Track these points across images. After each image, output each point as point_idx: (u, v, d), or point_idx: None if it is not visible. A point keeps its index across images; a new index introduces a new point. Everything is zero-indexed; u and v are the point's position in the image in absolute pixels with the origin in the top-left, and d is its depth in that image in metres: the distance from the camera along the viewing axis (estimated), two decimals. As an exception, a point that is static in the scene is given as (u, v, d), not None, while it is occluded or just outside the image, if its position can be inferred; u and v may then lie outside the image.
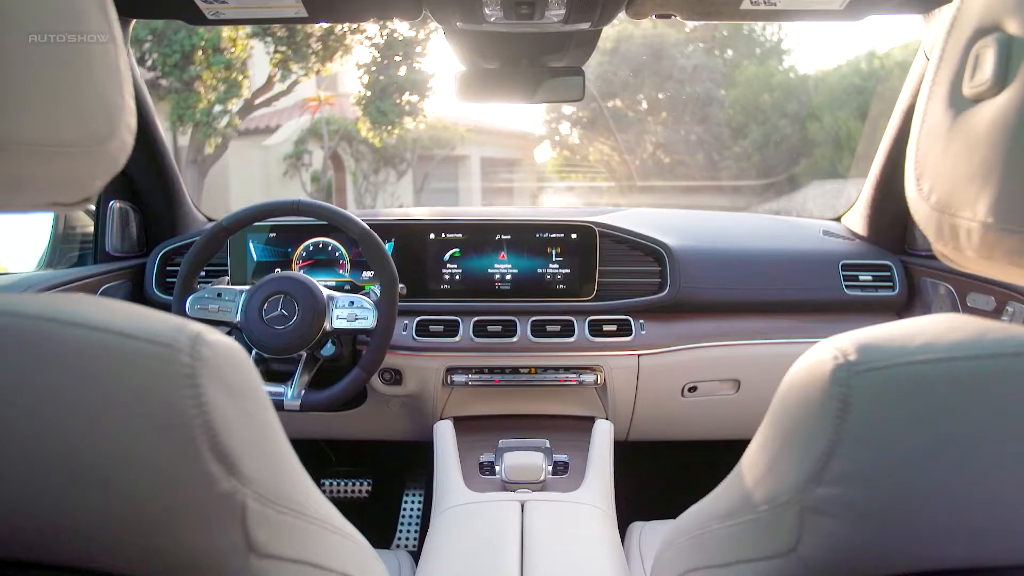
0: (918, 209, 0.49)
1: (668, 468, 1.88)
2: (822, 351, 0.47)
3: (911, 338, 0.44)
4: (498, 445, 1.36)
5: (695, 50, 13.46)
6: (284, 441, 0.50)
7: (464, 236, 1.49)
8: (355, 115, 9.88)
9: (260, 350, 1.27)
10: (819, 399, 0.44)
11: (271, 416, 0.49)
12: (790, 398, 0.49)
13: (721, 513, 0.55)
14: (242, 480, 0.43)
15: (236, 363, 0.46)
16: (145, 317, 0.44)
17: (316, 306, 1.26)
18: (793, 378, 0.49)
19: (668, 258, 1.47)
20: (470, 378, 1.48)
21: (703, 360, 1.47)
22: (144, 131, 1.44)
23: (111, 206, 1.51)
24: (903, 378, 0.42)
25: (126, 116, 0.50)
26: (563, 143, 14.64)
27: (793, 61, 14.50)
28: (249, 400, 0.46)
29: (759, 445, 0.52)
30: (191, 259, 1.31)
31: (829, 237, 1.62)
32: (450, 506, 1.16)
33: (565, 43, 1.31)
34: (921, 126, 0.49)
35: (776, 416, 0.50)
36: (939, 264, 1.45)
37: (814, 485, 0.43)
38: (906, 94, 1.33)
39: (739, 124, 12.80)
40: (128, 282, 1.52)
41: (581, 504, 1.16)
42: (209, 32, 7.84)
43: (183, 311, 1.29)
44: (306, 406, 1.26)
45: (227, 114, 8.53)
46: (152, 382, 0.40)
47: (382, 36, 8.92)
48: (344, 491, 1.97)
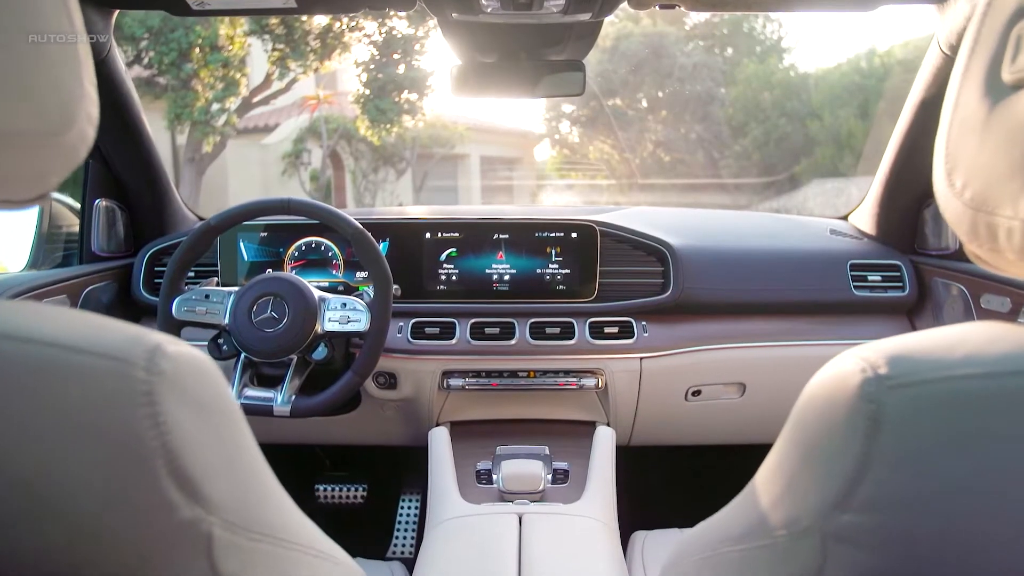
0: (949, 206, 0.45)
1: (671, 474, 1.85)
2: (846, 362, 0.43)
3: (949, 349, 0.40)
4: (496, 452, 1.32)
5: (695, 48, 13.45)
6: (259, 460, 0.47)
7: (461, 235, 1.45)
8: (354, 114, 9.84)
9: (249, 354, 1.23)
10: (845, 416, 0.40)
11: (243, 433, 0.45)
12: (811, 413, 0.45)
13: (733, 535, 0.51)
14: (207, 507, 0.39)
15: (202, 376, 0.42)
16: (98, 328, 0.40)
17: (307, 308, 1.22)
18: (814, 391, 0.45)
19: (671, 258, 1.43)
20: (467, 382, 1.44)
21: (707, 363, 1.44)
22: (131, 127, 1.40)
23: (97, 204, 1.47)
24: (941, 395, 0.38)
25: (86, 105, 0.45)
26: (563, 141, 14.64)
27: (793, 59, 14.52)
28: (217, 417, 0.42)
29: (775, 462, 0.48)
30: (178, 259, 1.27)
31: (836, 236, 1.58)
32: (445, 519, 1.12)
33: (565, 35, 1.27)
34: (952, 117, 0.45)
35: (795, 432, 0.46)
36: (950, 264, 1.42)
37: (839, 511, 0.39)
38: (919, 88, 1.28)
39: (739, 123, 12.80)
40: (114, 283, 1.48)
41: (581, 517, 1.12)
42: (206, 30, 7.81)
43: (169, 313, 1.25)
44: (296, 412, 1.22)
45: (225, 112, 8.49)
46: (104, 401, 0.37)
47: (381, 34, 8.88)
48: (338, 497, 1.93)
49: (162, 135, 9.40)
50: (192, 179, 8.78)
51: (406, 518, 1.88)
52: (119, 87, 1.31)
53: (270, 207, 1.27)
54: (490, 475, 1.27)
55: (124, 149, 1.43)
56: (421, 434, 1.46)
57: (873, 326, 1.46)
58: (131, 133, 1.40)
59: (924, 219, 1.48)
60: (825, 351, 1.47)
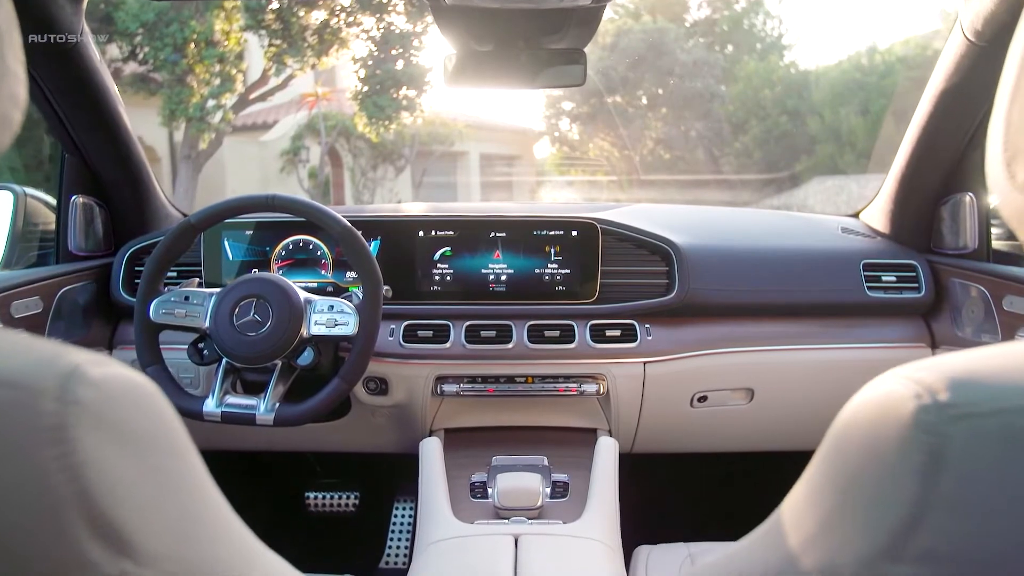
0: (1009, 201, 0.40)
1: (675, 483, 1.79)
2: (895, 384, 0.36)
3: (1021, 370, 0.34)
4: (491, 462, 1.26)
5: (695, 45, 13.43)
6: (209, 496, 0.40)
7: (456, 234, 1.39)
8: (353, 111, 9.77)
9: (231, 359, 1.17)
10: (897, 450, 0.34)
11: (188, 467, 0.38)
12: (852, 442, 0.38)
13: (755, 573, 0.45)
14: (139, 559, 0.33)
15: (134, 402, 0.35)
16: (6, 348, 0.33)
17: (292, 311, 1.16)
18: (855, 415, 0.39)
19: (676, 257, 1.37)
20: (462, 388, 1.38)
21: (714, 368, 1.38)
22: (107, 120, 1.33)
23: (74, 201, 1.40)
24: (1018, 427, 0.31)
25: (9, 84, 0.39)
26: (562, 139, 14.61)
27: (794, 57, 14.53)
28: (154, 450, 0.36)
29: (807, 496, 0.42)
30: (156, 259, 1.21)
31: (848, 234, 1.52)
32: (435, 540, 1.05)
33: (565, 22, 1.20)
34: (1011, 102, 0.39)
35: (831, 462, 0.40)
36: (969, 264, 1.36)
37: (889, 561, 0.33)
38: (939, 77, 1.21)
39: (739, 120, 12.80)
40: (93, 283, 1.41)
41: (582, 539, 1.05)
42: (201, 24, 7.73)
43: (146, 316, 1.18)
44: (280, 421, 1.16)
45: (220, 109, 8.41)
46: (6, 438, 0.30)
47: (379, 29, 8.80)
48: (330, 505, 1.87)
49: (160, 132, 9.35)
50: (189, 176, 8.71)
51: (400, 526, 1.82)
52: (92, 76, 1.24)
53: (253, 204, 1.21)
54: (485, 488, 1.21)
55: (101, 142, 1.36)
56: (414, 441, 1.40)
57: (887, 328, 1.40)
58: (108, 126, 1.33)
59: (941, 216, 1.42)
60: (837, 355, 1.42)
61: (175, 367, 1.33)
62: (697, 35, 13.79)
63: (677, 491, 1.76)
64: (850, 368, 1.39)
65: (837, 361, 1.40)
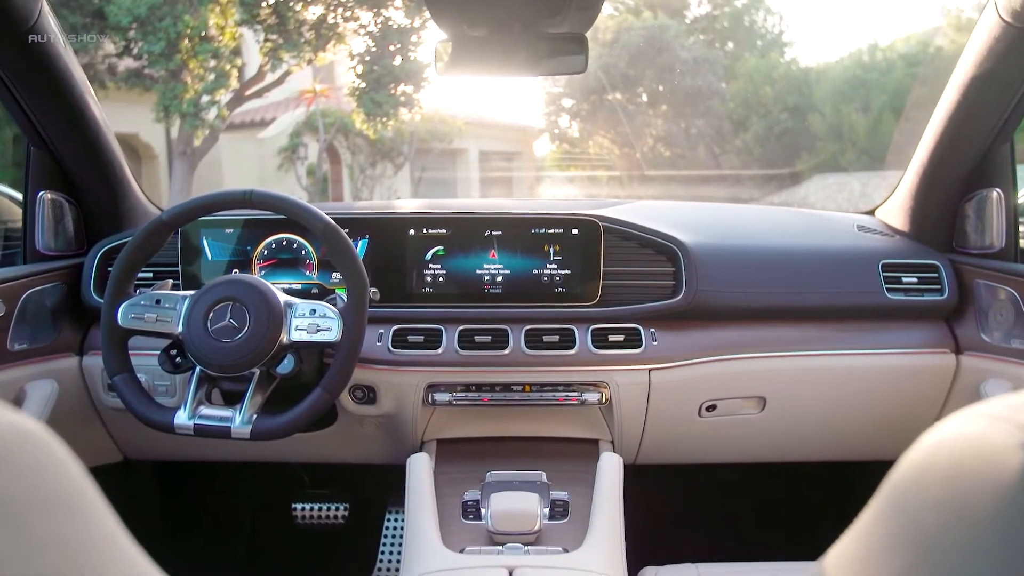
0: None
1: (682, 497, 1.71)
2: (990, 429, 0.29)
3: None
4: (485, 479, 1.18)
5: (696, 42, 13.37)
6: (118, 560, 0.32)
7: (449, 232, 1.31)
8: (351, 107, 9.69)
9: (205, 367, 1.09)
10: (999, 510, 0.27)
11: (85, 527, 0.30)
12: (929, 492, 0.31)
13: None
14: None
15: (12, 457, 0.27)
16: None
17: (271, 315, 1.08)
18: (935, 462, 0.31)
19: (683, 257, 1.30)
20: (454, 396, 1.30)
21: (723, 375, 1.31)
22: (75, 111, 1.24)
23: (41, 197, 1.32)
24: None
25: None
26: (562, 136, 14.56)
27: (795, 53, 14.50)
28: (33, 514, 0.28)
29: (865, 553, 0.34)
30: (125, 259, 1.13)
31: (865, 233, 1.44)
32: (422, 573, 0.96)
33: (564, 5, 1.11)
34: None
35: (898, 515, 0.33)
36: (995, 264, 1.28)
37: None
38: (968, 64, 1.13)
39: (740, 117, 12.76)
40: (62, 284, 1.33)
41: (584, 572, 0.96)
42: (195, 19, 7.63)
43: (114, 321, 1.10)
44: (257, 434, 1.07)
45: (215, 105, 8.31)
46: None
47: (376, 25, 8.72)
48: (318, 516, 1.79)
49: (157, 129, 9.26)
50: (184, 173, 8.62)
51: (392, 537, 1.74)
52: (55, 62, 1.15)
53: (230, 200, 1.13)
54: (478, 509, 1.12)
55: (69, 134, 1.28)
56: (405, 452, 1.32)
57: (908, 333, 1.32)
58: (76, 116, 1.25)
59: (965, 213, 1.34)
60: (855, 361, 1.34)
61: (149, 374, 1.25)
62: (698, 32, 13.72)
63: (684, 505, 1.68)
64: (868, 375, 1.31)
65: (854, 368, 1.31)
